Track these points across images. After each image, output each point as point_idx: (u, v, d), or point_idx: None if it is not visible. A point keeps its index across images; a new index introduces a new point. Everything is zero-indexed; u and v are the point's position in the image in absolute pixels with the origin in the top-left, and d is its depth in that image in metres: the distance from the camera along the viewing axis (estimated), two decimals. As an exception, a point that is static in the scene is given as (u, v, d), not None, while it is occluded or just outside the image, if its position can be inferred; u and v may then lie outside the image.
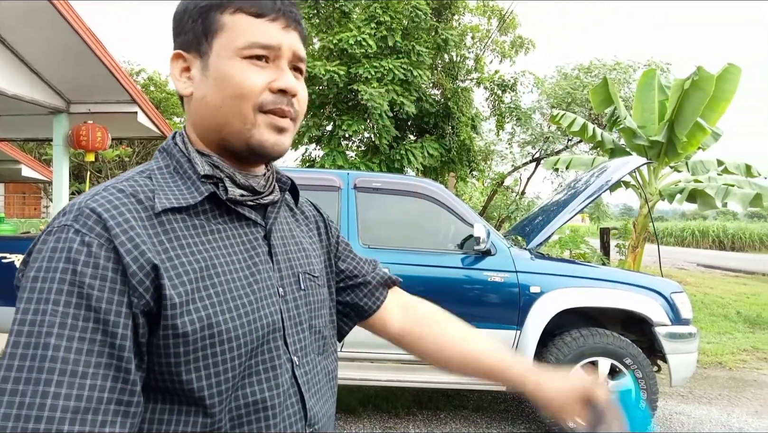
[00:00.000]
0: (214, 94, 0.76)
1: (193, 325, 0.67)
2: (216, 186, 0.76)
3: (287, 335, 0.79)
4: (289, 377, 0.78)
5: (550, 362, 3.72)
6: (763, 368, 6.03)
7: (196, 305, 0.68)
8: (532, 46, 12.41)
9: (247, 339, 0.72)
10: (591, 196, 4.28)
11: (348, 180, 4.02)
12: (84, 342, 0.61)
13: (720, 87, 7.66)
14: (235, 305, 0.72)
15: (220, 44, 0.75)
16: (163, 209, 0.71)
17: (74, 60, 6.20)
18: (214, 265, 0.72)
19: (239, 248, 0.76)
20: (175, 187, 0.75)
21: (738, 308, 9.21)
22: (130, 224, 0.67)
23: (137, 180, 0.74)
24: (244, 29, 0.75)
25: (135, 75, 14.92)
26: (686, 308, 3.91)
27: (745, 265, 18.01)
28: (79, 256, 0.64)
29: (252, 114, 0.75)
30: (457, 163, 9.94)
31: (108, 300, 0.63)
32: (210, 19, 0.76)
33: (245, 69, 0.74)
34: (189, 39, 0.78)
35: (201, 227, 0.74)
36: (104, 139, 7.04)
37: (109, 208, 0.67)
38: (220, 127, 0.77)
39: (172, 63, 0.80)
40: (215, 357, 0.69)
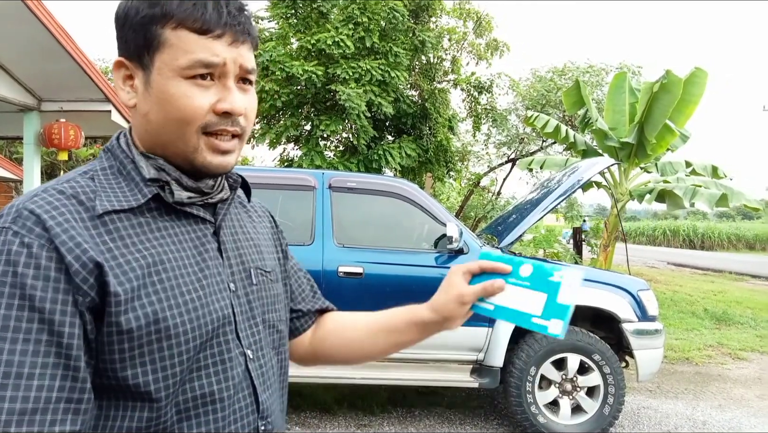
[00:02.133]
0: (156, 114, 0.74)
1: (138, 321, 0.67)
2: (162, 189, 0.76)
3: (239, 330, 0.79)
4: (242, 370, 0.78)
5: (521, 359, 3.80)
6: (727, 363, 6.22)
7: (141, 301, 0.68)
8: (507, 48, 12.56)
9: (195, 334, 0.72)
10: (562, 195, 4.37)
11: (323, 180, 4.05)
12: (29, 343, 0.61)
13: (688, 90, 7.87)
14: (183, 300, 0.72)
15: (162, 60, 0.72)
16: (104, 211, 0.71)
17: (45, 57, 6.10)
18: (162, 261, 0.72)
19: (187, 245, 0.76)
20: (118, 188, 0.74)
21: (705, 306, 9.46)
22: (71, 224, 0.67)
23: (78, 181, 0.73)
24: (187, 47, 0.71)
25: (109, 73, 14.68)
26: (653, 305, 4.03)
27: (714, 263, 18.50)
28: (19, 258, 0.63)
29: (195, 138, 0.74)
30: (435, 163, 10.01)
31: (52, 300, 0.63)
32: (151, 32, 0.72)
33: (188, 91, 0.72)
34: (130, 49, 0.75)
35: (147, 224, 0.74)
36: (77, 137, 6.94)
37: (48, 210, 0.67)
38: (163, 144, 0.76)
39: (114, 70, 0.77)
40: (161, 352, 0.69)
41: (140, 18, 0.72)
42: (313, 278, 1.10)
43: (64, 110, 6.92)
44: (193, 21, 0.71)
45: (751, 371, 5.91)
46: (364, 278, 3.79)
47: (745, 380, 5.60)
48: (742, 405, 4.81)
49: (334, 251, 3.84)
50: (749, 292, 12.04)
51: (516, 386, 3.79)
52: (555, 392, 3.87)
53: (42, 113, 7.00)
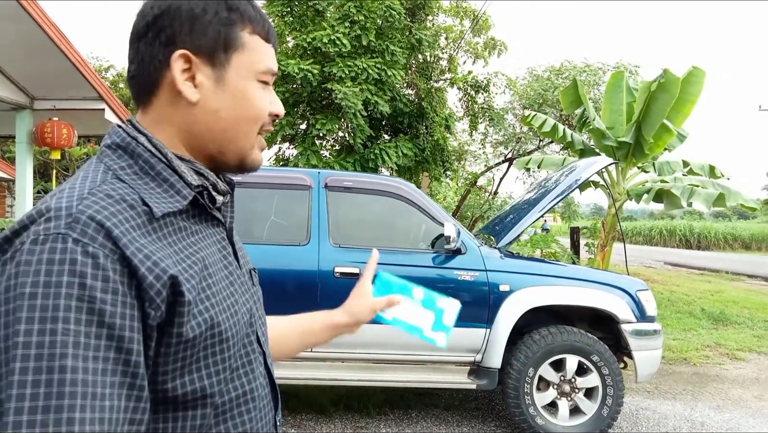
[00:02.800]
0: (229, 111, 0.75)
1: (200, 327, 0.66)
2: (200, 193, 0.75)
3: (258, 327, 0.82)
4: (263, 368, 0.81)
5: (519, 360, 3.76)
6: (725, 363, 6.20)
7: (200, 307, 0.67)
8: (504, 47, 12.54)
9: (237, 336, 0.73)
10: (559, 195, 4.33)
11: (319, 179, 4.00)
12: (99, 361, 0.57)
13: (685, 89, 7.84)
14: (228, 304, 0.72)
15: (240, 61, 0.75)
16: (163, 213, 0.68)
17: (38, 55, 6.04)
18: (207, 265, 0.72)
19: (216, 247, 0.76)
20: (151, 189, 0.70)
21: (702, 306, 9.46)
22: (136, 232, 0.63)
23: (113, 183, 0.68)
24: (262, 53, 0.77)
25: (104, 71, 14.59)
26: (651, 305, 4.00)
27: (710, 263, 18.53)
28: (85, 268, 0.58)
29: (253, 136, 0.78)
30: (431, 163, 9.99)
31: (121, 315, 0.59)
32: (234, 33, 0.75)
33: (260, 93, 0.77)
34: (203, 44, 0.73)
35: (184, 229, 0.72)
36: (70, 136, 6.88)
37: (107, 216, 0.62)
38: (225, 142, 0.77)
39: (174, 61, 0.72)
40: (214, 356, 0.69)
41: (219, 18, 0.74)
42: (308, 278, 1.17)
43: (57, 109, 6.86)
44: (261, 28, 0.78)
45: (748, 372, 5.89)
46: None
47: (743, 380, 5.58)
48: (740, 406, 4.79)
49: (331, 251, 3.79)
50: (746, 292, 12.04)
51: (514, 387, 3.76)
52: (553, 394, 3.83)
53: (35, 112, 6.94)
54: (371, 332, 3.78)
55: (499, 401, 4.59)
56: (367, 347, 3.78)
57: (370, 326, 3.85)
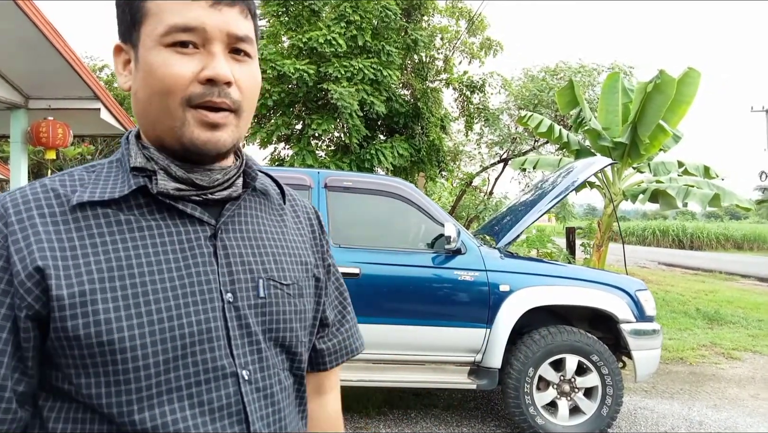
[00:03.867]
0: (142, 90, 0.69)
1: (87, 329, 0.62)
2: (149, 179, 0.70)
3: (233, 346, 0.70)
4: (232, 392, 0.69)
5: (519, 360, 3.76)
6: (721, 362, 6.23)
7: (95, 307, 0.62)
8: (500, 47, 12.56)
9: (158, 348, 0.64)
10: (558, 196, 4.34)
11: (319, 179, 3.99)
12: None
13: (681, 90, 7.89)
14: (148, 310, 0.64)
15: (145, 33, 0.68)
16: (78, 203, 0.67)
17: (32, 54, 5.99)
18: (130, 265, 0.65)
19: (171, 247, 0.69)
20: (112, 180, 0.70)
21: (697, 305, 9.51)
22: (33, 221, 0.64)
23: (73, 174, 0.71)
24: (165, 14, 0.67)
25: (98, 71, 14.49)
26: (650, 305, 4.01)
27: (704, 263, 18.64)
28: None
29: (180, 110, 0.67)
30: (427, 163, 9.98)
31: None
32: (135, 6, 0.69)
33: (168, 59, 0.66)
34: (122, 29, 0.72)
35: (128, 222, 0.68)
36: (65, 136, 6.82)
37: (18, 203, 0.65)
38: (152, 124, 0.71)
39: (114, 56, 0.74)
40: (115, 365, 0.62)
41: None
42: None
43: (52, 108, 6.80)
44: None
45: (744, 371, 5.93)
46: (361, 279, 3.73)
47: (739, 379, 5.61)
48: (737, 405, 4.81)
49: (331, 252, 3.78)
50: (740, 291, 12.12)
51: (514, 387, 3.76)
52: (553, 393, 3.84)
53: (29, 111, 6.88)
54: (371, 332, 3.77)
55: (499, 400, 4.59)
56: (367, 347, 3.77)
57: (370, 327, 3.81)
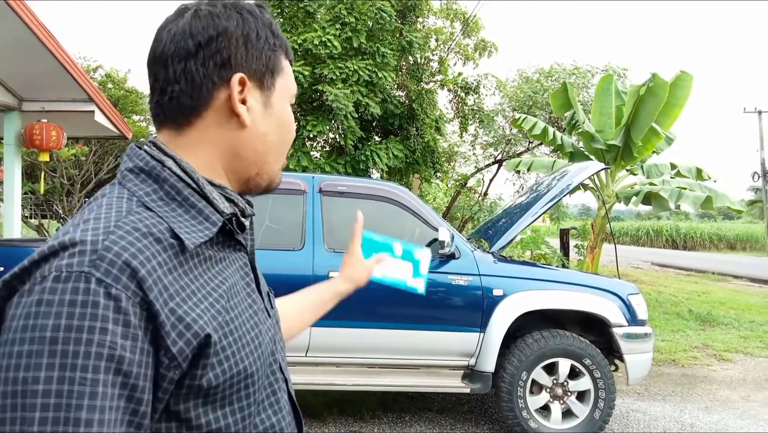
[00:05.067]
0: (275, 134, 0.77)
1: (225, 374, 0.64)
2: (230, 220, 0.72)
3: (279, 356, 0.79)
4: (287, 397, 0.79)
5: (512, 364, 3.79)
6: (712, 364, 6.29)
7: (226, 352, 0.64)
8: (494, 49, 12.59)
9: (261, 372, 0.71)
10: (552, 199, 4.37)
11: (313, 184, 4.00)
12: (113, 411, 0.55)
13: (673, 93, 7.94)
14: (251, 338, 0.69)
15: (281, 86, 0.78)
16: (195, 246, 0.65)
17: (26, 55, 5.96)
18: (232, 295, 0.69)
19: (239, 275, 0.73)
20: (179, 216, 0.67)
21: (690, 306, 9.57)
22: (159, 273, 0.60)
23: (140, 213, 0.65)
24: (292, 77, 0.81)
25: (92, 72, 14.42)
26: (642, 309, 4.05)
27: (696, 264, 18.75)
28: (107, 312, 0.56)
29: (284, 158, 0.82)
30: (422, 164, 10.00)
31: (138, 363, 0.57)
32: (278, 58, 0.78)
33: (292, 117, 0.81)
34: (256, 69, 0.74)
35: (212, 258, 0.69)
36: (59, 138, 6.79)
37: (134, 253, 0.59)
38: (265, 164, 0.78)
39: (234, 84, 0.72)
40: (239, 393, 0.67)
41: (267, 44, 0.76)
42: (303, 283, 1.21)
43: (46, 110, 6.77)
44: (287, 52, 0.81)
45: (735, 373, 5.98)
46: (355, 284, 3.74)
47: (731, 381, 5.66)
48: (729, 407, 4.86)
49: (325, 256, 3.80)
50: (732, 292, 12.20)
51: (507, 391, 3.78)
52: (546, 397, 3.87)
53: (23, 113, 6.85)
54: (366, 336, 3.79)
55: (492, 403, 4.62)
56: (361, 351, 3.79)
57: (364, 331, 3.83)
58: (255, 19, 0.76)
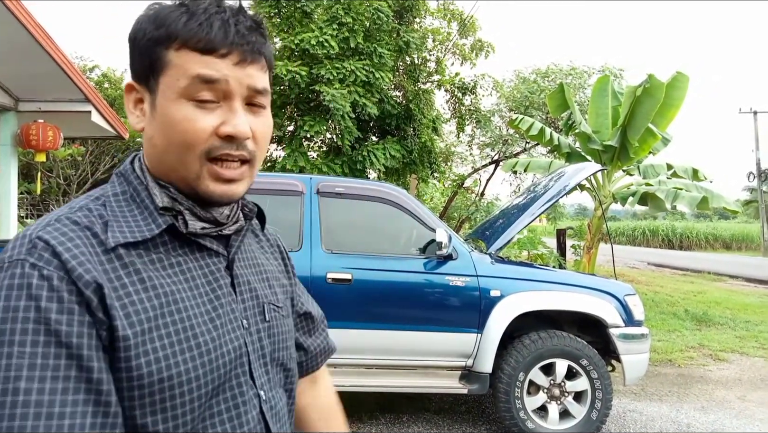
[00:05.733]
0: (160, 138, 0.71)
1: (149, 367, 0.64)
2: (175, 218, 0.72)
3: (253, 369, 0.75)
4: (256, 413, 0.74)
5: (510, 365, 3.80)
6: (708, 364, 6.31)
7: (154, 345, 0.65)
8: (491, 49, 12.61)
9: (207, 379, 0.68)
10: (549, 200, 4.39)
11: (311, 185, 4.00)
12: (58, 381, 0.58)
13: (669, 94, 7.97)
14: (196, 343, 0.68)
15: (165, 83, 0.69)
16: (116, 244, 0.67)
17: (22, 56, 5.95)
18: (175, 300, 0.68)
19: (200, 281, 0.72)
20: (131, 217, 0.70)
21: (686, 306, 9.60)
22: (86, 257, 0.64)
23: (92, 209, 0.70)
24: (188, 67, 0.68)
25: (88, 71, 14.39)
26: (639, 309, 4.06)
27: (692, 263, 18.79)
28: (41, 291, 0.60)
29: (197, 164, 0.70)
30: (419, 164, 10.02)
31: (78, 334, 0.60)
32: (155, 54, 0.69)
33: (190, 114, 0.68)
34: (138, 71, 0.73)
35: (159, 261, 0.70)
36: (56, 138, 6.78)
37: (63, 241, 0.63)
38: (167, 170, 0.73)
39: (126, 94, 0.75)
40: (173, 400, 0.65)
41: (146, 40, 0.70)
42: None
43: (43, 111, 6.76)
44: (196, 41, 0.68)
45: (731, 372, 6.00)
46: (353, 284, 3.75)
47: (726, 381, 5.68)
48: (725, 407, 4.88)
49: (323, 257, 3.80)
50: (728, 292, 12.24)
51: (505, 391, 3.79)
52: (543, 398, 3.87)
53: (19, 113, 6.83)
54: (363, 337, 3.79)
55: (489, 404, 4.63)
56: (359, 352, 3.79)
57: (362, 332, 3.82)
58: (147, 15, 0.71)
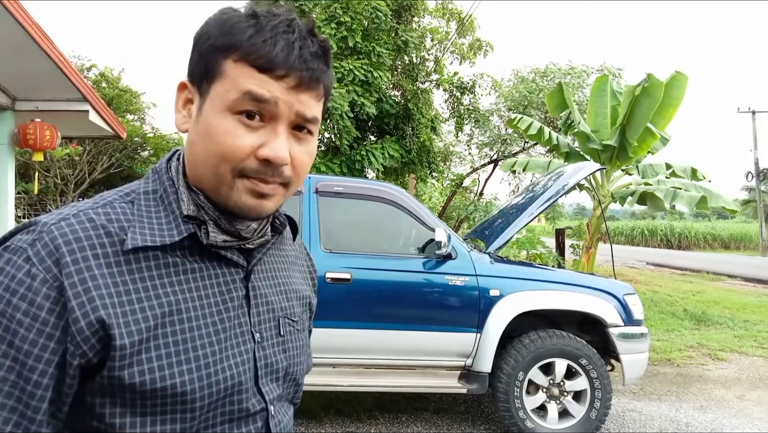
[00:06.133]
0: (199, 145, 0.69)
1: (143, 376, 0.62)
2: (198, 227, 0.70)
3: (261, 384, 0.74)
4: (260, 426, 0.73)
5: (509, 364, 3.79)
6: (707, 363, 6.31)
7: (149, 355, 0.63)
8: (490, 48, 12.60)
9: (206, 392, 0.67)
10: (548, 200, 4.38)
11: (310, 184, 3.99)
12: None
13: (668, 93, 7.97)
14: (195, 356, 0.67)
15: (216, 92, 0.67)
16: (133, 247, 0.65)
17: (19, 55, 5.92)
18: (179, 310, 0.67)
19: (212, 290, 0.71)
20: (156, 220, 0.69)
21: (685, 306, 9.60)
22: (88, 263, 0.62)
23: (116, 207, 0.68)
24: (243, 79, 0.65)
25: (86, 71, 14.33)
26: (638, 309, 4.05)
27: (691, 263, 18.81)
28: (19, 287, 0.60)
29: (230, 177, 0.67)
30: (417, 164, 10.01)
31: (32, 342, 0.59)
32: (213, 60, 0.67)
33: (231, 128, 0.66)
34: (194, 72, 0.71)
35: (175, 265, 0.69)
36: (53, 138, 6.75)
37: (70, 240, 0.62)
38: (200, 177, 0.71)
39: (177, 91, 0.73)
40: (164, 407, 0.64)
41: (208, 45, 0.68)
42: None
43: (40, 110, 6.73)
44: (256, 57, 0.65)
45: (730, 372, 6.00)
46: (352, 284, 3.74)
47: (725, 380, 5.68)
48: (723, 406, 4.88)
49: (322, 257, 3.79)
50: (726, 292, 12.25)
51: (504, 391, 3.78)
52: (542, 397, 3.87)
53: (16, 113, 6.80)
54: (362, 337, 3.78)
55: (488, 404, 4.62)
56: (358, 352, 3.78)
57: (361, 331, 3.81)
58: (216, 19, 0.70)
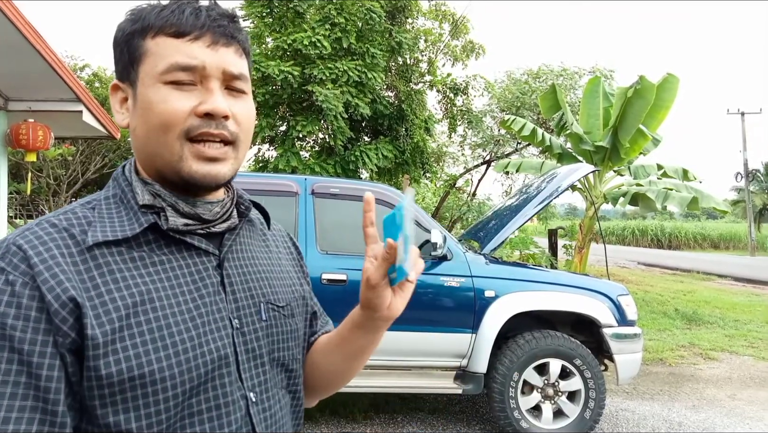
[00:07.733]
0: (141, 126, 0.72)
1: (119, 366, 0.64)
2: (158, 216, 0.73)
3: (242, 370, 0.74)
4: (241, 415, 0.73)
5: (504, 365, 3.82)
6: (699, 363, 6.37)
7: (124, 343, 0.65)
8: (482, 50, 12.64)
9: (185, 378, 0.68)
10: (541, 202, 4.41)
11: (305, 185, 4.00)
12: (7, 386, 0.59)
13: (660, 95, 8.05)
14: (172, 342, 0.68)
15: (144, 71, 0.71)
16: (94, 243, 0.68)
17: (12, 55, 5.88)
18: (152, 299, 0.68)
19: (184, 280, 0.72)
20: (117, 218, 0.71)
21: (676, 306, 9.69)
22: (56, 260, 0.65)
23: (76, 212, 0.71)
24: (164, 53, 0.70)
25: (79, 70, 14.24)
26: (631, 309, 4.09)
27: (682, 263, 18.96)
28: (2, 296, 0.62)
29: (178, 145, 0.70)
30: (411, 164, 10.03)
31: (31, 341, 0.61)
32: (133, 45, 0.72)
33: (167, 95, 0.70)
34: (120, 69, 0.75)
35: (141, 259, 0.70)
36: (46, 138, 6.71)
37: (36, 245, 0.65)
38: (151, 158, 0.73)
39: (111, 95, 0.77)
40: (146, 398, 0.65)
41: (125, 35, 0.73)
42: None
43: (33, 110, 6.68)
44: (170, 26, 0.71)
45: (721, 371, 6.06)
46: (348, 285, 3.75)
47: (717, 380, 5.74)
48: (715, 405, 4.93)
49: (318, 258, 3.80)
50: (717, 291, 12.37)
51: (499, 391, 3.81)
52: (537, 397, 3.90)
53: (9, 113, 6.75)
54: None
55: (483, 404, 4.65)
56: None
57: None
58: (125, 17, 0.74)
